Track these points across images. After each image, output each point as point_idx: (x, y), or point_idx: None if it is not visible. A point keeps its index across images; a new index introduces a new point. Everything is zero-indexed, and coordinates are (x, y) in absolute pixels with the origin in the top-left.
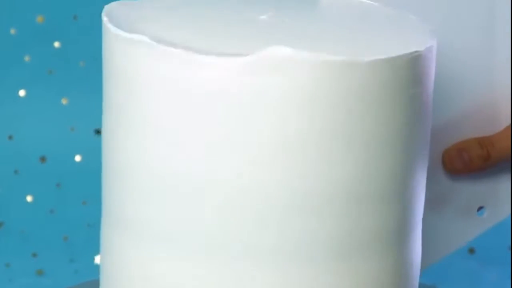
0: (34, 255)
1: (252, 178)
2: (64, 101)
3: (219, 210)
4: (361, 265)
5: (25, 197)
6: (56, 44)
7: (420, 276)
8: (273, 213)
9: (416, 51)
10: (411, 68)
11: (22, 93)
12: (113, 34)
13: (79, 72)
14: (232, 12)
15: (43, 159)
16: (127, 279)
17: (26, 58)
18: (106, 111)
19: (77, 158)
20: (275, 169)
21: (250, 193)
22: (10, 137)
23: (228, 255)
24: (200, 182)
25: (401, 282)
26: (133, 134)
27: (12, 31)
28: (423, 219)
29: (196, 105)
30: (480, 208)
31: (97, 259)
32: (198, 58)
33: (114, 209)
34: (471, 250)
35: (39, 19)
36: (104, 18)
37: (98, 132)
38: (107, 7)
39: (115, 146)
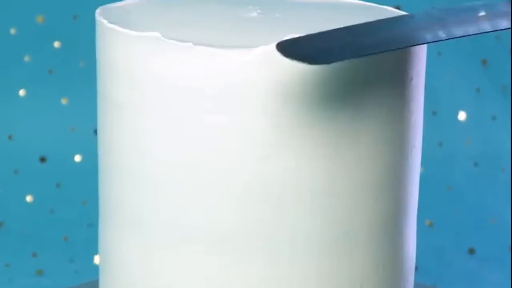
0: (34, 255)
1: (249, 172)
2: (64, 101)
3: (219, 205)
4: (351, 256)
5: (25, 197)
6: (56, 44)
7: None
8: (269, 209)
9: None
10: (401, 59)
11: (22, 93)
12: (113, 33)
13: (79, 72)
14: (223, 11)
15: (43, 159)
16: (127, 274)
17: (26, 58)
18: (103, 108)
19: (77, 158)
20: (272, 164)
21: (248, 190)
22: (10, 137)
23: (226, 249)
24: (200, 176)
25: (395, 273)
26: (134, 132)
27: (12, 31)
28: None
29: (196, 101)
30: None
31: (97, 259)
32: (206, 51)
33: (112, 206)
34: (471, 250)
35: (39, 19)
36: (102, 19)
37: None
38: (100, 9)
39: (115, 145)
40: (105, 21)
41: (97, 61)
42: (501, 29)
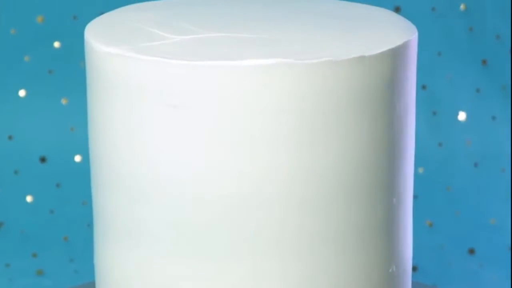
0: (34, 255)
1: (247, 178)
2: (64, 101)
3: (213, 213)
4: (348, 256)
5: (25, 197)
6: (56, 44)
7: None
8: (270, 212)
9: (394, 47)
10: (390, 63)
11: (22, 93)
12: (100, 50)
13: (79, 72)
14: (216, 19)
15: (43, 159)
16: (118, 278)
17: (26, 58)
18: (93, 116)
19: (77, 158)
20: (270, 168)
21: (246, 193)
22: (10, 137)
23: (222, 254)
24: (192, 185)
25: (389, 274)
26: (117, 136)
27: (12, 31)
28: None
29: (174, 109)
30: None
31: None
32: (191, 65)
33: (102, 208)
34: (471, 250)
35: (39, 19)
36: (90, 38)
37: None
38: (88, 27)
39: (101, 147)
40: (89, 36)
41: (86, 70)
42: None
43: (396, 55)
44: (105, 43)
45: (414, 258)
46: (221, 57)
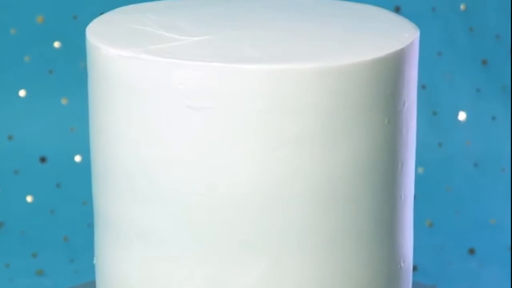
0: (34, 255)
1: (248, 179)
2: (64, 101)
3: (213, 212)
4: (347, 256)
5: (25, 197)
6: (56, 44)
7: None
8: (273, 211)
9: (400, 49)
10: (392, 67)
11: (22, 93)
12: (108, 52)
13: (79, 72)
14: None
15: (43, 159)
16: (121, 280)
17: (26, 58)
18: (95, 115)
19: (77, 158)
20: (271, 168)
21: (245, 194)
22: (10, 137)
23: (224, 255)
24: (194, 186)
25: (389, 274)
26: (126, 138)
27: (12, 31)
28: None
29: (191, 111)
30: None
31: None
32: (192, 65)
33: (105, 210)
34: (471, 250)
35: (39, 19)
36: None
37: None
38: (89, 27)
39: (106, 149)
40: (92, 38)
41: (88, 71)
42: None
43: (401, 56)
44: (113, 45)
45: (414, 258)
46: (241, 60)
